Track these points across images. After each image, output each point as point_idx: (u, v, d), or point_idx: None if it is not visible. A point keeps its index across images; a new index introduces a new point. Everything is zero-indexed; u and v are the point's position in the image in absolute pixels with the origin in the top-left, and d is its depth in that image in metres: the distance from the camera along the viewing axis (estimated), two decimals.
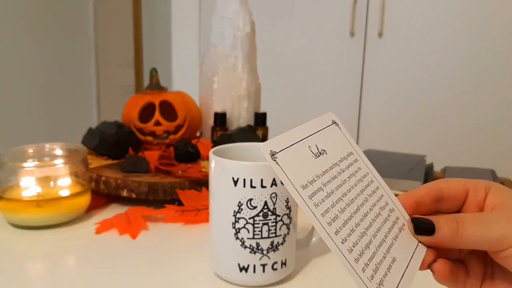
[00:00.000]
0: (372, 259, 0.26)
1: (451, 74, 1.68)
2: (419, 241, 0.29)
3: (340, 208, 0.27)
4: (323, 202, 0.26)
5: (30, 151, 0.60)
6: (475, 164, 1.28)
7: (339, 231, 0.26)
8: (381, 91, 1.78)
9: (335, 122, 0.32)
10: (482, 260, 0.31)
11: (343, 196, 0.28)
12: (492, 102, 1.65)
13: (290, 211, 0.41)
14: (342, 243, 0.25)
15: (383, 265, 0.26)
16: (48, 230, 0.54)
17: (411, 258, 0.28)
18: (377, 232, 0.28)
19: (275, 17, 1.86)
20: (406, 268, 0.28)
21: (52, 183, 0.56)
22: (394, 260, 0.27)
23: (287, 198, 0.40)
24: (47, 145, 0.61)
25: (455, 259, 0.31)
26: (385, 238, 0.28)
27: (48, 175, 0.56)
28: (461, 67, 1.66)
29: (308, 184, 0.26)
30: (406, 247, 0.29)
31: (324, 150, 0.29)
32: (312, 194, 0.26)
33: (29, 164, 0.58)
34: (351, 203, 0.28)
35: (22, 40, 2.11)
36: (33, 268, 0.46)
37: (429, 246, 0.29)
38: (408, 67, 1.72)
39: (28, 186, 0.55)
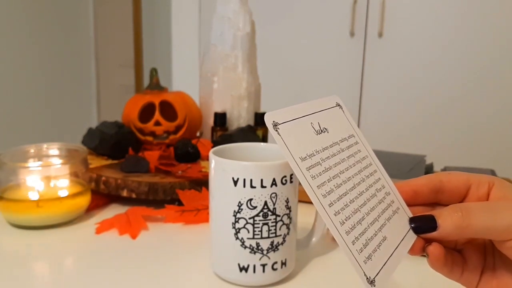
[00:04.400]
0: (363, 234, 0.27)
1: (451, 74, 1.68)
2: (423, 238, 0.29)
3: (336, 183, 0.28)
4: (320, 175, 0.27)
5: (30, 151, 0.60)
6: (475, 164, 1.28)
7: (333, 204, 0.26)
8: (381, 91, 1.78)
9: (339, 105, 0.33)
10: (481, 251, 0.31)
11: (340, 173, 0.28)
12: (492, 102, 1.65)
13: (290, 211, 0.41)
14: (335, 215, 0.26)
15: (373, 242, 0.27)
16: (48, 230, 0.54)
17: (401, 240, 0.29)
18: (370, 211, 0.28)
19: (275, 17, 1.86)
20: (396, 248, 0.28)
21: (52, 183, 0.56)
22: (385, 239, 0.28)
23: (287, 198, 0.40)
24: (47, 145, 0.61)
25: (452, 248, 0.31)
26: (378, 218, 0.29)
27: (48, 175, 0.56)
28: (461, 67, 1.66)
29: (307, 157, 0.27)
30: (398, 229, 0.29)
31: (325, 129, 0.30)
32: (310, 166, 0.27)
33: (29, 164, 0.58)
34: (348, 180, 0.29)
35: (22, 40, 2.11)
36: (33, 268, 0.46)
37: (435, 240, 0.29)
38: (408, 67, 1.72)
39: (28, 186, 0.55)
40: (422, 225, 0.29)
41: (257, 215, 0.39)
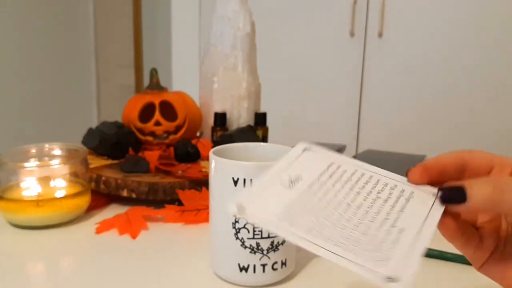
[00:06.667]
0: (373, 240, 0.26)
1: (451, 74, 1.68)
2: (450, 211, 0.28)
3: (327, 215, 0.28)
4: (307, 223, 0.27)
5: (30, 151, 0.60)
6: None
7: (332, 239, 0.26)
8: (381, 91, 1.78)
9: (306, 149, 0.34)
10: (496, 232, 0.30)
11: (328, 203, 0.28)
12: (492, 102, 1.65)
13: None
14: (344, 249, 0.25)
15: (387, 241, 0.26)
16: (48, 230, 0.54)
17: (425, 218, 0.28)
18: (376, 215, 0.28)
19: (275, 17, 1.86)
20: (420, 230, 0.27)
21: (52, 183, 0.56)
22: (402, 231, 0.27)
23: None
24: (47, 145, 0.61)
25: (471, 224, 0.30)
26: (388, 216, 0.28)
27: (48, 175, 0.56)
28: (461, 67, 1.66)
29: (285, 215, 0.27)
30: (417, 212, 0.28)
31: (298, 177, 0.30)
32: (292, 222, 0.27)
33: (29, 164, 0.58)
34: (339, 205, 0.29)
35: (22, 40, 2.11)
36: (33, 268, 0.46)
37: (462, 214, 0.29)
38: (408, 67, 1.72)
39: (28, 186, 0.55)
40: (451, 195, 0.27)
41: None
